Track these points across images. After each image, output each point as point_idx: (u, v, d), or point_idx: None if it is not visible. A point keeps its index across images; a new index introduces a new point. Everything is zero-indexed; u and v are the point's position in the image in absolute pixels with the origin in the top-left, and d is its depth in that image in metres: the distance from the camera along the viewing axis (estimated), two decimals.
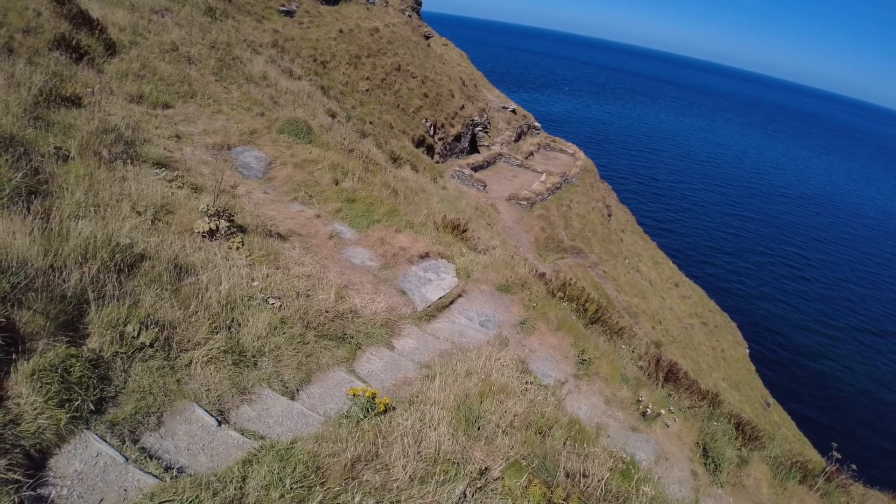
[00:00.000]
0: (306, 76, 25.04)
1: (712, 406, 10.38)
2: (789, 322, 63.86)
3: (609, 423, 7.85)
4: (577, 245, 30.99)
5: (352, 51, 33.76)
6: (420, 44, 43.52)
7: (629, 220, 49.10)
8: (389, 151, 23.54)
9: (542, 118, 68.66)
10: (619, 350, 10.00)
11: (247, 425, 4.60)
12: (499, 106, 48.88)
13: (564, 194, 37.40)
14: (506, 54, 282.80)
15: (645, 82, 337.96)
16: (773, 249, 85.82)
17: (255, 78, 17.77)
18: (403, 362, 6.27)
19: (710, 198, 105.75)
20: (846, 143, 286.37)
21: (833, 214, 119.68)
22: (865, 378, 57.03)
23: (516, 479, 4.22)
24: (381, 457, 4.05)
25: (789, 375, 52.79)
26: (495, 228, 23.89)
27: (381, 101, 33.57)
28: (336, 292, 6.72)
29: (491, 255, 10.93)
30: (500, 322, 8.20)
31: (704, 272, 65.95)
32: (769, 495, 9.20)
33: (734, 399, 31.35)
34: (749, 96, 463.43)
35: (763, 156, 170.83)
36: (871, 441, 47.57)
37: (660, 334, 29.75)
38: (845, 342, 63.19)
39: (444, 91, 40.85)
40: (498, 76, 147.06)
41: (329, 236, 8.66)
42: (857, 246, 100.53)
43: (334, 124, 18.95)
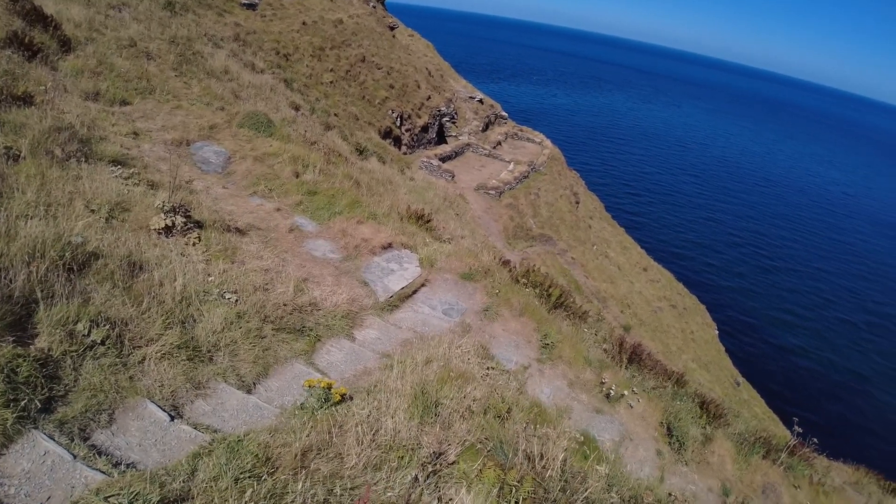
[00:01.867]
0: (269, 69, 24.72)
1: (677, 386, 10.55)
2: (757, 303, 65.26)
3: (573, 405, 7.94)
4: (545, 233, 31.19)
5: (315, 43, 33.38)
6: (385, 34, 43.21)
7: (597, 207, 49.55)
8: (355, 143, 23.39)
9: (509, 108, 68.83)
10: (583, 333, 10.12)
11: (201, 420, 4.58)
12: (466, 96, 48.82)
13: (532, 183, 37.57)
14: (473, 44, 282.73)
15: (613, 70, 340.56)
16: (740, 233, 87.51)
17: (217, 72, 17.50)
18: (364, 353, 6.27)
19: (677, 183, 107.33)
20: (811, 127, 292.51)
21: (798, 198, 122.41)
22: (832, 357, 58.57)
23: (472, 462, 4.26)
24: (334, 446, 4.06)
25: (758, 355, 53.99)
26: (464, 218, 23.92)
27: (346, 92, 33.30)
28: (295, 285, 6.69)
29: (455, 243, 10.96)
30: (464, 310, 8.23)
31: (673, 256, 67.00)
32: (733, 471, 9.40)
33: (704, 379, 31.96)
34: (716, 83, 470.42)
35: (730, 141, 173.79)
36: (838, 416, 48.93)
37: (629, 318, 30.19)
38: (813, 322, 64.78)
39: (411, 82, 40.67)
40: (465, 66, 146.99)
41: (289, 229, 8.61)
42: (822, 228, 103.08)
43: (298, 117, 18.77)
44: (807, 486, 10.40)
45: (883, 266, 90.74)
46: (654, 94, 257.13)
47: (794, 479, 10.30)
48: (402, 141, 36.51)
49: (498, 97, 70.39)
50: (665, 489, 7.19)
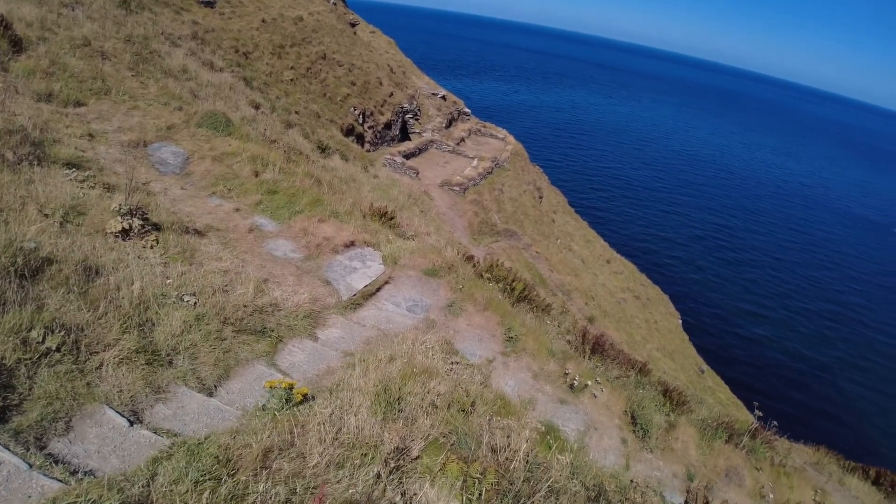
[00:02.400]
0: (228, 68, 24.36)
1: (640, 374, 10.74)
2: (720, 292, 66.72)
3: (538, 396, 8.04)
4: (510, 227, 31.39)
5: (275, 40, 33.00)
6: (346, 31, 42.92)
7: (561, 202, 50.03)
8: (317, 141, 23.19)
9: (472, 104, 69.05)
10: (546, 326, 10.24)
11: (161, 424, 4.54)
12: (429, 92, 48.79)
13: (496, 178, 37.74)
14: (436, 41, 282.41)
15: (574, 66, 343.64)
16: (701, 224, 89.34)
17: (175, 72, 17.17)
18: (327, 352, 6.26)
19: (639, 177, 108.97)
20: (768, 119, 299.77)
21: (758, 189, 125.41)
22: (794, 344, 60.22)
23: (435, 457, 4.30)
24: (296, 445, 4.06)
25: (721, 343, 55.23)
26: (429, 215, 23.93)
27: (307, 90, 32.99)
28: (255, 286, 6.64)
29: (420, 240, 10.98)
30: (428, 306, 8.27)
31: (636, 248, 68.08)
32: (697, 456, 9.58)
33: (669, 367, 32.56)
34: (675, 77, 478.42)
35: (690, 134, 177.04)
36: (800, 400, 50.34)
37: (593, 309, 30.57)
38: (774, 310, 66.52)
39: (373, 79, 40.47)
40: (428, 63, 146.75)
41: (249, 229, 8.53)
42: (781, 218, 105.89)
43: (258, 116, 18.54)
44: (768, 467, 10.61)
45: (841, 255, 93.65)
46: (616, 88, 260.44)
47: (757, 461, 10.49)
48: (365, 138, 36.34)
49: (461, 94, 70.54)
50: (630, 476, 7.34)
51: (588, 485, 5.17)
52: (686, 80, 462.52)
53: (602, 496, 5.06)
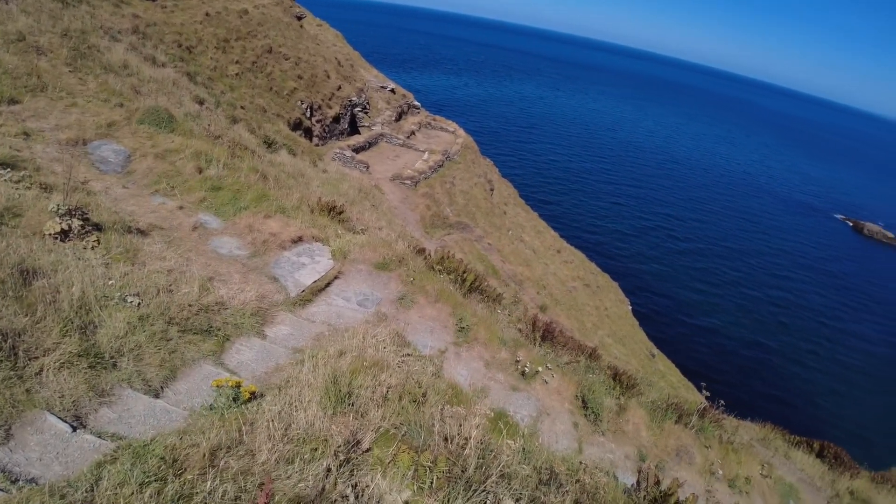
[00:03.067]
0: (171, 63, 23.71)
1: (590, 359, 10.97)
2: (668, 279, 68.53)
3: (490, 384, 8.15)
4: (462, 220, 31.54)
5: (220, 34, 32.22)
6: (292, 24, 42.24)
7: (511, 194, 50.45)
8: (263, 136, 22.80)
9: (422, 97, 68.92)
10: (497, 315, 10.37)
11: (106, 428, 4.45)
12: (377, 86, 48.47)
13: (447, 171, 37.81)
14: (385, 33, 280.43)
15: (523, 59, 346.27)
16: (649, 213, 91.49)
17: (115, 67, 16.62)
18: (276, 350, 6.21)
19: (587, 168, 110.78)
20: (713, 110, 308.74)
21: (703, 178, 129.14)
22: (740, 327, 62.35)
23: (386, 448, 4.34)
24: (245, 443, 4.04)
25: (671, 328, 56.80)
26: (381, 209, 23.84)
27: (252, 84, 32.36)
28: (200, 285, 6.53)
29: (369, 234, 10.94)
30: (379, 300, 8.27)
31: (585, 238, 69.34)
32: (648, 437, 9.83)
33: (620, 353, 33.31)
34: (621, 69, 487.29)
35: (637, 125, 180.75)
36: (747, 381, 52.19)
37: (545, 298, 31.02)
38: (720, 295, 68.72)
39: (320, 72, 39.95)
40: (377, 56, 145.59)
41: (193, 227, 8.37)
42: (725, 206, 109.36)
43: (202, 111, 18.13)
44: (717, 445, 10.95)
45: (785, 241, 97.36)
46: (563, 81, 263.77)
47: (706, 439, 10.82)
48: (314, 132, 35.90)
49: (410, 87, 70.32)
50: (582, 459, 7.51)
51: (540, 468, 5.27)
52: (631, 72, 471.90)
53: (553, 479, 5.16)
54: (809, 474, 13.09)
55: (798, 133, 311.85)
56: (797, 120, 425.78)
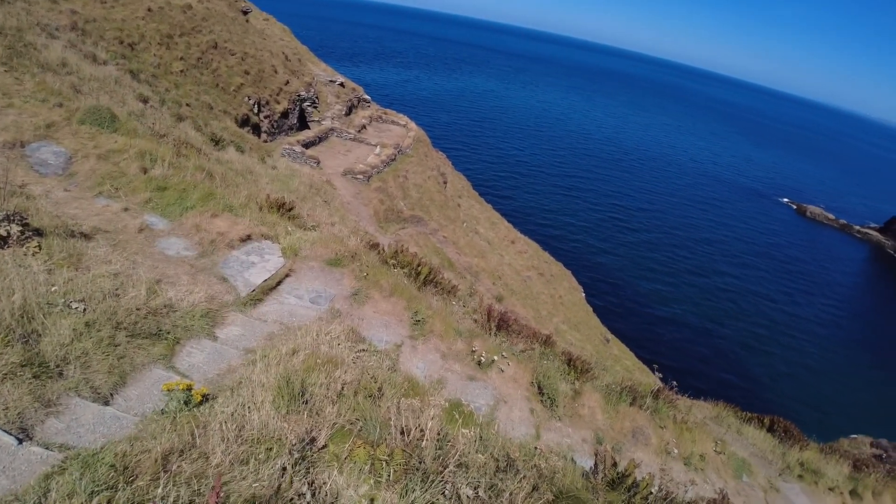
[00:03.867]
0: (113, 60, 22.94)
1: (545, 346, 11.12)
2: (620, 265, 69.96)
3: (447, 375, 8.19)
4: (416, 214, 31.48)
5: (163, 30, 31.28)
6: (238, 19, 41.36)
7: (465, 186, 50.62)
8: (210, 134, 22.29)
9: (372, 91, 68.43)
10: (453, 307, 10.41)
11: (54, 439, 4.31)
12: (326, 80, 47.87)
13: (400, 165, 37.65)
14: (333, 27, 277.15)
15: (473, 52, 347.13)
16: (600, 203, 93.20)
17: (53, 66, 15.98)
18: (227, 351, 6.11)
19: (538, 160, 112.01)
20: (659, 100, 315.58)
21: (652, 166, 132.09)
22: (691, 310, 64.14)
23: (342, 444, 4.33)
24: (198, 446, 3.99)
25: (624, 313, 58.07)
26: (333, 205, 23.61)
27: (198, 81, 31.56)
28: (148, 288, 6.38)
29: (321, 231, 10.84)
30: (332, 296, 8.21)
31: (538, 228, 70.20)
32: (604, 420, 10.00)
33: (575, 339, 33.85)
34: (569, 60, 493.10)
35: (586, 116, 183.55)
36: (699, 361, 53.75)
37: (501, 288, 31.27)
38: (671, 279, 70.55)
39: (267, 67, 39.23)
40: (325, 50, 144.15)
41: (139, 229, 8.15)
42: (675, 193, 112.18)
43: (146, 110, 17.63)
44: (671, 425, 11.16)
45: (733, 226, 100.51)
46: (513, 73, 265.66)
47: (660, 420, 11.01)
48: (262, 128, 35.28)
49: (360, 81, 69.77)
50: (538, 445, 7.62)
51: (497, 456, 5.33)
52: (578, 64, 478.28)
53: (511, 466, 5.23)
54: (761, 448, 13.50)
55: (742, 120, 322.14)
56: (740, 107, 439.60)
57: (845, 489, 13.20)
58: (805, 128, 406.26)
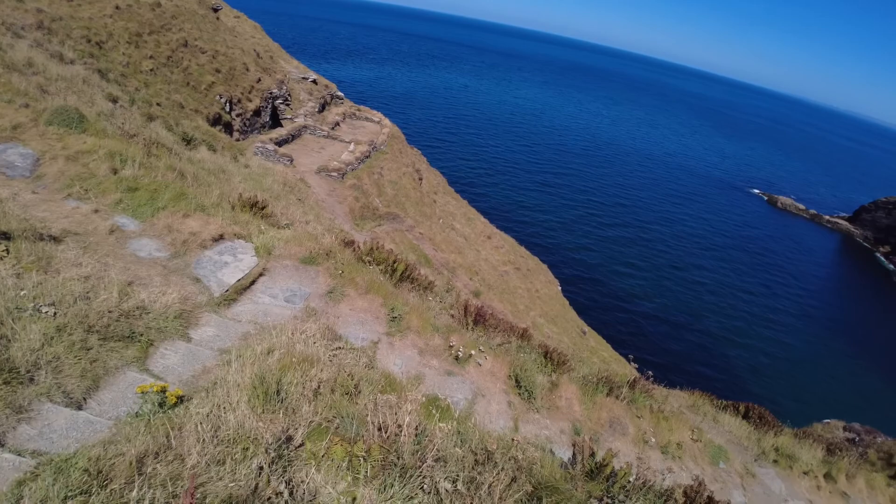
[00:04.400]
0: (80, 59, 22.53)
1: (521, 340, 11.18)
2: (595, 258, 70.60)
3: (425, 371, 8.20)
4: (392, 211, 31.41)
5: (131, 28, 30.76)
6: (208, 17, 40.85)
7: (440, 182, 50.64)
8: (181, 133, 22.00)
9: (346, 87, 68.12)
10: (429, 303, 10.42)
11: (26, 445, 4.24)
12: (299, 77, 47.50)
13: (375, 162, 37.52)
14: (306, 24, 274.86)
15: (446, 47, 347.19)
16: (574, 197, 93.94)
17: (19, 65, 15.65)
18: (202, 352, 6.06)
19: (513, 154, 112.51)
20: (632, 94, 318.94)
21: (625, 159, 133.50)
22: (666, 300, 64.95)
23: (319, 442, 4.33)
24: (173, 448, 3.95)
25: (600, 305, 58.64)
26: (307, 203, 23.46)
27: (168, 80, 31.11)
28: (120, 290, 6.29)
29: (294, 229, 10.77)
30: (307, 294, 8.17)
31: (514, 223, 70.61)
32: (581, 411, 10.07)
33: (553, 332, 34.11)
34: (541, 55, 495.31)
35: (559, 111, 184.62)
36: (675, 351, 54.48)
37: (478, 284, 31.38)
38: (647, 271, 71.41)
39: (238, 65, 38.82)
40: (297, 47, 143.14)
41: (110, 231, 8.03)
42: (649, 186, 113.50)
43: (116, 110, 17.35)
44: (648, 414, 11.25)
45: (706, 218, 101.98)
46: (487, 69, 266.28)
47: (637, 410, 11.09)
48: (234, 127, 34.91)
49: (333, 77, 69.38)
50: (515, 437, 7.67)
51: (475, 449, 5.35)
52: (551, 59, 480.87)
53: (489, 459, 5.26)
54: (737, 435, 13.67)
55: (714, 114, 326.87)
56: (712, 101, 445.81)
57: (819, 472, 13.44)
58: (775, 120, 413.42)
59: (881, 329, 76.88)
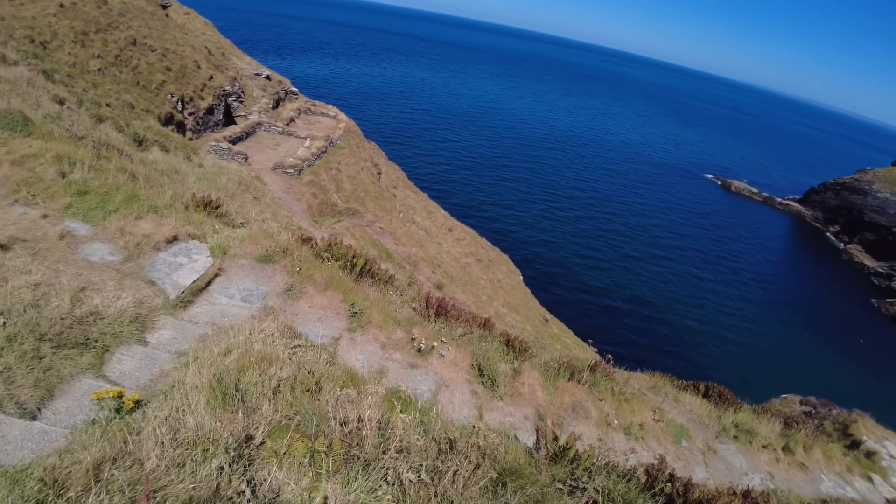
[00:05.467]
0: (24, 60, 21.74)
1: (484, 329, 11.29)
2: (555, 247, 71.38)
3: (388, 365, 8.23)
4: (351, 206, 31.23)
5: (77, 27, 29.79)
6: (157, 14, 39.82)
7: (400, 176, 50.54)
8: (132, 134, 21.49)
9: (301, 83, 67.31)
10: (390, 297, 10.44)
11: None
12: (252, 73, 46.75)
13: (332, 158, 37.20)
14: (258, 19, 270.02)
15: (400, 41, 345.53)
16: (534, 187, 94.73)
17: None
18: (159, 355, 5.99)
19: (472, 147, 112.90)
20: (587, 84, 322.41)
21: (583, 150, 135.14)
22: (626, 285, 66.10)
23: (280, 439, 4.34)
24: (132, 453, 3.92)
25: (561, 292, 59.33)
26: (264, 201, 23.15)
27: (117, 79, 30.26)
28: (72, 296, 6.16)
29: (250, 227, 10.66)
30: (265, 293, 8.11)
31: (473, 214, 70.94)
32: (544, 396, 10.20)
33: (516, 321, 34.43)
34: (499, 48, 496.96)
35: (517, 103, 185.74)
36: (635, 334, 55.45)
37: (440, 276, 31.47)
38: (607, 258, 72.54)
39: (190, 62, 37.97)
40: (250, 43, 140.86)
41: (60, 236, 7.82)
42: (606, 175, 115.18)
43: (63, 112, 16.84)
44: (610, 397, 11.42)
45: (663, 204, 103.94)
46: (442, 62, 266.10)
47: (599, 393, 11.24)
48: (187, 126, 34.19)
49: (287, 73, 68.56)
50: (476, 424, 7.76)
51: (438, 439, 5.42)
52: (505, 50, 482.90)
53: (452, 447, 5.33)
54: (698, 414, 14.01)
55: (669, 101, 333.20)
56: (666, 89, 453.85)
57: (778, 446, 13.86)
58: (728, 107, 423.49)
59: (833, 304, 79.88)
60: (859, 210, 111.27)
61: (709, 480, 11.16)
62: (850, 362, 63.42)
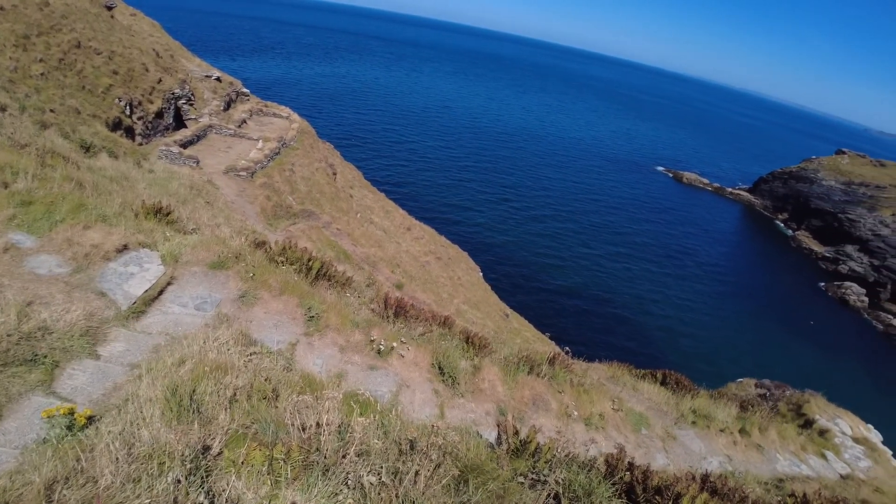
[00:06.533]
0: None
1: (443, 327, 11.34)
2: (513, 244, 71.96)
3: (347, 368, 8.21)
4: (307, 208, 30.93)
5: (18, 30, 28.76)
6: (102, 15, 38.69)
7: (356, 176, 50.25)
8: (79, 140, 20.87)
9: (253, 84, 66.31)
10: (348, 299, 10.41)
11: None
12: (202, 75, 45.84)
13: (285, 159, 36.75)
14: (207, 20, 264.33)
15: (353, 39, 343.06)
16: (490, 185, 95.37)
17: None
18: (112, 369, 5.87)
19: (429, 145, 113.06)
20: (539, 81, 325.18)
21: (537, 147, 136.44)
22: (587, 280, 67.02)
23: (238, 449, 4.31)
24: (85, 471, 3.85)
25: (520, 287, 59.88)
26: (217, 205, 22.77)
27: (62, 84, 29.31)
28: (18, 311, 5.98)
29: (202, 233, 10.48)
30: (218, 300, 8.00)
31: (432, 213, 71.00)
32: (505, 391, 10.29)
33: (476, 317, 34.61)
34: (451, 46, 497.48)
35: (471, 101, 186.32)
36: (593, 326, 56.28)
37: (400, 276, 31.42)
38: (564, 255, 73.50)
39: (137, 65, 37.02)
40: (200, 45, 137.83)
41: (4, 249, 7.57)
42: (561, 170, 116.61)
43: (4, 118, 16.30)
44: (569, 389, 11.55)
45: (617, 198, 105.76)
46: (395, 60, 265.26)
47: (558, 385, 11.37)
48: (136, 131, 33.35)
49: (238, 74, 67.45)
50: (435, 423, 7.81)
51: (399, 440, 5.45)
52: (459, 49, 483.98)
53: (413, 447, 5.36)
54: (656, 401, 14.32)
55: (619, 96, 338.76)
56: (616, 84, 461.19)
57: (735, 429, 14.27)
58: (677, 101, 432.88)
59: (783, 289, 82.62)
60: (806, 198, 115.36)
61: (669, 466, 11.42)
62: (802, 344, 65.79)
